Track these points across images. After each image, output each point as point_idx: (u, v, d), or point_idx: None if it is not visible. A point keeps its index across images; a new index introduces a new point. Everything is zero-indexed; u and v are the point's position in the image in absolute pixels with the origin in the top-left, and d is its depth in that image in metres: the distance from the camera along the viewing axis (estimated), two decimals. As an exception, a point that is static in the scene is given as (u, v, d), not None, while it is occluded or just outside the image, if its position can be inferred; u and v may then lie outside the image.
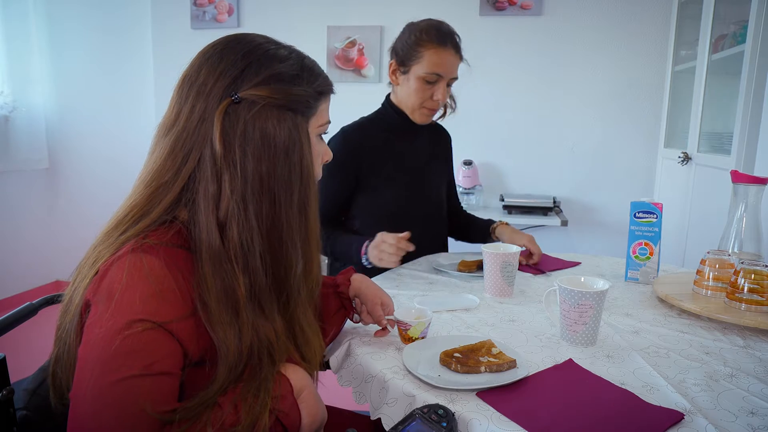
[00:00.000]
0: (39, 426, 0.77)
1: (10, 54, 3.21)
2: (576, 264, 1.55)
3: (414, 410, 0.71)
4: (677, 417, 0.71)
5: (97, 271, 0.68)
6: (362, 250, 1.36)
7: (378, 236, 1.31)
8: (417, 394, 0.78)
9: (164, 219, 0.71)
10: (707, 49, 2.14)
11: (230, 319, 0.70)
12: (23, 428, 0.75)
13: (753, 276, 1.07)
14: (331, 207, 1.53)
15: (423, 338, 0.96)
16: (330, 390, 1.05)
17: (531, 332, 1.03)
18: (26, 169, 3.39)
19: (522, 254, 1.46)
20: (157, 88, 3.35)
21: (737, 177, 1.26)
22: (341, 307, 1.02)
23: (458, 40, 1.48)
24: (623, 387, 0.80)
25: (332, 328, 1.00)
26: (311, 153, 0.78)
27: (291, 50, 0.78)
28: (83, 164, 3.53)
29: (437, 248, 1.66)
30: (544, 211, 2.74)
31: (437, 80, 1.46)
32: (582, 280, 1.02)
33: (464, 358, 0.86)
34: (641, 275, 1.36)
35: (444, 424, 0.69)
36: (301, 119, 0.76)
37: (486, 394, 0.78)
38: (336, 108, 0.86)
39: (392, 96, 1.59)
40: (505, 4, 2.85)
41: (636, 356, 0.92)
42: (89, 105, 3.47)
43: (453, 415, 0.71)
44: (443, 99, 1.49)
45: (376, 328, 1.03)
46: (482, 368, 0.83)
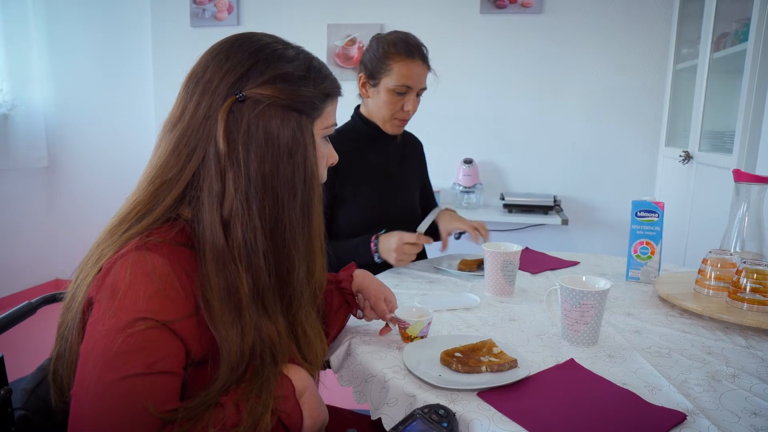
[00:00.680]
0: (37, 426, 0.76)
1: (10, 51, 3.20)
2: (575, 263, 1.55)
3: (415, 410, 0.71)
4: (680, 417, 0.71)
5: (101, 269, 0.68)
6: (372, 248, 1.38)
7: (396, 237, 1.35)
8: (418, 394, 0.78)
9: (168, 216, 0.71)
10: (709, 48, 2.13)
11: (233, 319, 0.70)
12: (21, 428, 0.75)
13: (755, 275, 1.07)
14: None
15: (423, 337, 0.95)
16: (330, 389, 1.04)
17: (532, 332, 1.03)
18: (25, 168, 3.38)
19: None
20: (157, 86, 3.34)
21: (739, 176, 1.25)
22: (344, 303, 1.01)
23: (425, 52, 1.51)
24: (625, 387, 0.80)
25: (335, 325, 1.00)
26: (316, 155, 0.77)
27: (299, 51, 0.78)
28: (83, 162, 3.52)
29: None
30: (545, 210, 2.73)
31: (407, 92, 1.49)
32: (583, 280, 1.02)
33: (465, 358, 0.86)
34: (642, 274, 1.36)
35: (445, 425, 0.68)
36: (307, 120, 0.75)
37: (487, 394, 0.77)
38: (336, 105, 0.85)
39: (362, 108, 1.61)
40: (506, 2, 2.84)
41: (638, 356, 0.92)
42: (89, 103, 3.46)
43: (454, 416, 0.70)
44: (414, 109, 1.53)
45: (378, 325, 1.03)
46: (483, 368, 0.83)
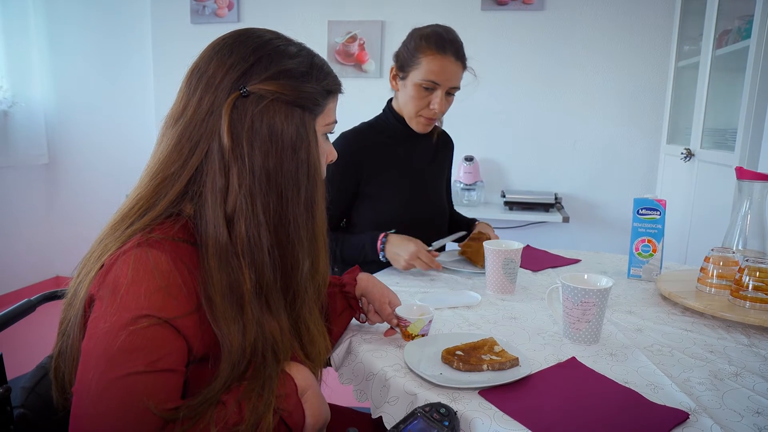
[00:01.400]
0: (37, 424, 0.76)
1: (9, 48, 3.19)
2: (576, 261, 1.54)
3: (416, 409, 0.70)
4: (682, 416, 0.71)
5: (103, 265, 0.67)
6: (379, 246, 1.36)
7: (414, 247, 1.32)
8: (418, 393, 0.77)
9: (170, 212, 0.71)
10: (711, 45, 2.12)
11: (235, 315, 0.69)
12: (20, 427, 0.74)
13: (758, 273, 1.06)
14: (333, 213, 1.49)
15: (424, 335, 0.95)
16: (331, 388, 1.04)
17: (533, 330, 1.02)
18: (25, 165, 3.38)
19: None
20: (157, 83, 3.33)
21: (742, 174, 1.25)
22: (347, 307, 1.01)
23: (461, 48, 1.44)
24: (627, 386, 0.79)
25: (338, 328, 1.00)
26: (318, 151, 0.78)
27: (301, 47, 0.78)
28: (83, 159, 3.52)
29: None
30: (546, 208, 2.72)
31: (434, 88, 1.43)
32: (585, 278, 1.01)
33: (466, 356, 0.85)
34: (644, 272, 1.35)
35: (446, 423, 0.68)
36: (309, 116, 0.75)
37: (488, 393, 0.77)
38: (337, 103, 0.85)
39: (394, 102, 1.56)
40: (507, -1, 2.83)
41: (639, 354, 0.91)
42: (89, 99, 3.45)
43: (455, 414, 0.70)
44: (441, 108, 1.45)
45: (383, 328, 1.02)
46: (484, 366, 0.83)
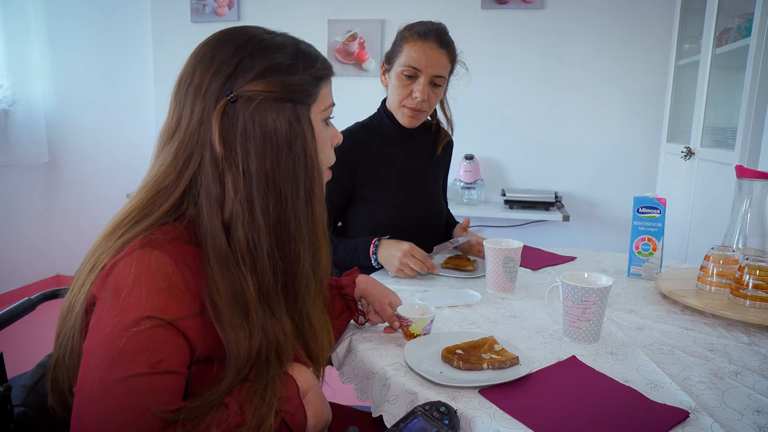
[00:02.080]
0: (37, 422, 0.76)
1: (9, 47, 3.19)
2: (572, 258, 1.54)
3: (416, 407, 0.70)
4: (682, 415, 0.71)
5: (104, 266, 0.67)
6: (371, 250, 1.33)
7: (408, 246, 1.29)
8: (419, 391, 0.77)
9: (165, 221, 0.70)
10: (711, 43, 2.12)
11: (240, 322, 0.69)
12: (20, 425, 0.74)
13: (758, 272, 1.06)
14: (329, 214, 1.47)
15: (426, 335, 0.95)
16: (332, 386, 1.04)
17: (533, 328, 1.02)
18: (26, 163, 3.38)
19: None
20: (157, 82, 3.33)
21: (742, 172, 1.25)
22: (346, 309, 1.01)
23: (445, 36, 1.41)
24: (627, 384, 0.79)
25: (336, 330, 0.99)
26: (315, 142, 0.76)
27: (285, 37, 0.76)
28: (83, 158, 3.52)
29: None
30: (546, 206, 2.72)
31: (415, 75, 1.39)
32: (585, 276, 1.01)
33: (466, 355, 0.85)
34: (644, 271, 1.35)
35: (446, 422, 0.68)
36: (302, 108, 0.74)
37: (488, 392, 0.77)
38: (337, 102, 0.84)
39: (387, 100, 1.54)
40: (507, -2, 2.83)
41: (640, 353, 0.91)
42: (89, 98, 3.45)
43: (455, 413, 0.70)
44: (423, 96, 1.40)
45: (383, 327, 1.02)
46: (484, 365, 0.83)
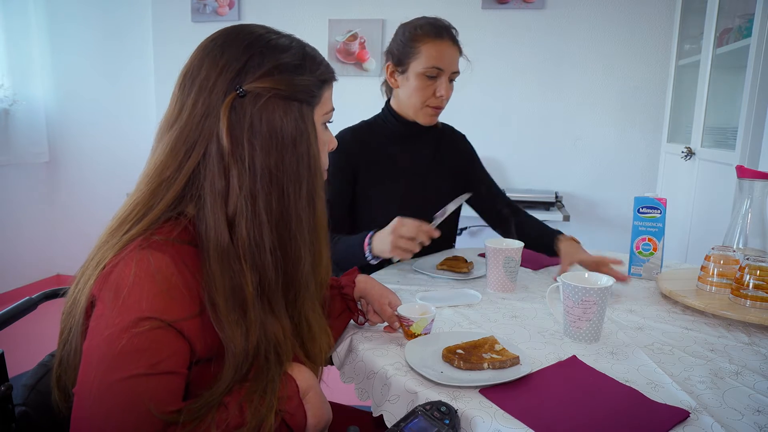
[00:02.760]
0: (38, 422, 0.76)
1: (10, 46, 3.19)
2: None
3: (416, 407, 0.70)
4: (683, 415, 0.71)
5: (104, 267, 0.67)
6: (366, 242, 1.24)
7: (396, 220, 1.18)
8: (419, 391, 0.78)
9: (168, 215, 0.70)
10: (712, 43, 2.12)
11: (238, 318, 0.69)
12: (22, 424, 0.74)
13: (758, 272, 1.06)
14: (338, 210, 1.45)
15: (426, 334, 0.95)
16: (332, 386, 1.04)
17: (534, 328, 1.02)
18: (26, 163, 3.38)
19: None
20: (158, 81, 3.33)
21: (743, 172, 1.25)
22: (345, 309, 1.01)
23: (455, 33, 1.42)
24: (627, 384, 0.79)
25: (336, 330, 0.99)
26: (318, 143, 0.77)
27: (292, 39, 0.77)
28: (84, 157, 3.52)
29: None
30: (546, 206, 2.72)
31: (438, 75, 1.40)
32: (585, 276, 1.01)
33: (467, 355, 0.85)
34: (645, 271, 1.35)
35: (447, 422, 0.68)
36: (307, 109, 0.75)
37: (489, 391, 0.77)
38: (337, 102, 0.85)
39: (392, 101, 1.51)
40: (508, -2, 2.83)
41: (640, 353, 0.91)
42: (89, 97, 3.45)
43: (456, 413, 0.70)
44: (447, 95, 1.42)
45: (383, 326, 1.02)
46: (485, 365, 0.83)
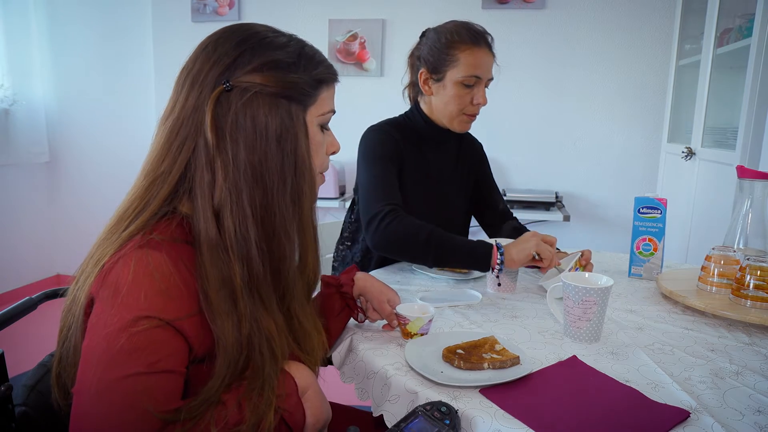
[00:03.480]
0: (38, 422, 0.76)
1: (10, 46, 3.19)
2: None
3: (417, 407, 0.70)
4: (683, 415, 0.70)
5: (103, 266, 0.67)
6: (496, 251, 1.17)
7: (532, 232, 1.21)
8: (419, 391, 0.77)
9: (165, 211, 0.71)
10: (712, 43, 2.12)
11: (228, 310, 0.69)
12: (22, 424, 0.74)
13: (759, 272, 1.06)
14: (396, 196, 1.34)
15: (424, 335, 0.95)
16: (332, 386, 1.04)
17: (534, 328, 1.02)
18: (27, 163, 3.38)
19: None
20: (158, 81, 3.33)
21: (743, 172, 1.25)
22: (345, 307, 1.01)
23: (491, 40, 1.39)
24: (628, 384, 0.79)
25: (336, 328, 0.99)
26: (308, 143, 0.76)
27: (291, 38, 0.77)
28: (84, 157, 3.52)
29: None
30: (546, 207, 2.72)
31: (476, 83, 1.37)
32: (586, 276, 1.01)
33: (467, 355, 0.85)
34: (645, 271, 1.35)
35: (447, 422, 0.68)
36: (297, 108, 0.74)
37: (489, 391, 0.77)
38: (337, 102, 0.84)
39: (423, 105, 1.47)
40: (508, -2, 2.83)
41: (640, 353, 0.91)
42: (90, 97, 3.45)
43: (456, 413, 0.70)
44: (484, 102, 1.40)
45: (383, 325, 1.02)
46: (485, 365, 0.83)
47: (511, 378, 0.79)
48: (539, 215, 2.70)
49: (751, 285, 1.06)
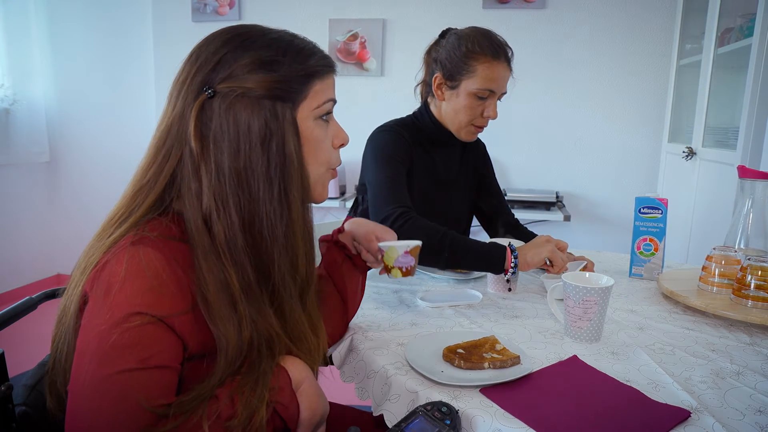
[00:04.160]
0: (38, 422, 0.76)
1: (10, 46, 3.19)
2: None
3: (417, 407, 0.70)
4: (684, 415, 0.70)
5: (95, 265, 0.67)
6: (510, 254, 1.17)
7: (554, 242, 1.20)
8: (420, 391, 0.77)
9: (151, 217, 0.71)
10: (713, 43, 2.12)
11: (229, 313, 0.69)
12: (22, 424, 0.74)
13: (760, 272, 1.06)
14: (405, 193, 1.34)
15: (402, 270, 0.90)
16: (333, 385, 1.04)
17: (535, 328, 1.02)
18: (27, 163, 3.38)
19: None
20: (158, 81, 3.33)
21: (744, 172, 1.24)
22: (345, 258, 0.99)
23: (510, 54, 1.38)
24: (628, 384, 0.79)
25: (347, 281, 0.98)
26: (299, 141, 0.74)
27: (280, 33, 0.75)
28: (84, 157, 3.52)
29: None
30: (547, 206, 2.72)
31: (489, 96, 1.37)
32: (586, 276, 1.01)
33: (467, 354, 0.85)
34: (646, 271, 1.35)
35: (447, 422, 0.68)
36: (284, 106, 0.72)
37: (490, 391, 0.77)
38: (338, 102, 0.83)
39: (432, 108, 1.46)
40: (509, -3, 2.83)
41: (641, 353, 0.91)
42: (90, 97, 3.45)
43: (457, 413, 0.70)
44: (494, 116, 1.40)
45: (384, 326, 1.01)
46: (486, 364, 0.82)
47: (512, 378, 0.79)
48: (540, 215, 2.70)
49: (752, 285, 1.06)
